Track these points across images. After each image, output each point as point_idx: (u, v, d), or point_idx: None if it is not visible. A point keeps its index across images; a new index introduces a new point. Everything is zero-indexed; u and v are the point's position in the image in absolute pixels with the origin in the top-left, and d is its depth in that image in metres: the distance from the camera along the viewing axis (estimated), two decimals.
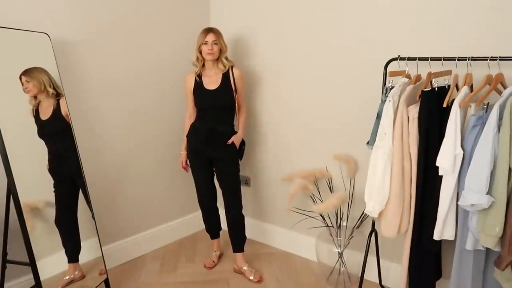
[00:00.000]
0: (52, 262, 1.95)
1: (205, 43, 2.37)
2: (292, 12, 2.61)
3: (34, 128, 1.96)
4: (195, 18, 2.93)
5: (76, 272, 2.07)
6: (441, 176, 1.73)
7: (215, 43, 2.38)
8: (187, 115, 2.57)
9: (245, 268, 2.57)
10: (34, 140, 1.96)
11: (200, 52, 2.41)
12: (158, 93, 2.77)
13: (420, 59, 1.91)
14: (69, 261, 2.06)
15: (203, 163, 2.51)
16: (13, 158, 1.78)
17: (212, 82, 2.44)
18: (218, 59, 2.44)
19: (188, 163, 2.57)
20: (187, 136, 2.54)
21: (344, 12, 2.38)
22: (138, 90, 2.65)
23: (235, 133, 2.52)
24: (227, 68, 2.45)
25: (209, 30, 2.40)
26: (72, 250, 2.07)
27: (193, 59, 2.46)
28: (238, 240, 2.61)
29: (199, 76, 2.46)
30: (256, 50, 2.83)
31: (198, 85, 2.45)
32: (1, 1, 1.96)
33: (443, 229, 1.76)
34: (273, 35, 2.72)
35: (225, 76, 2.44)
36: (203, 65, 2.45)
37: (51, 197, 2.01)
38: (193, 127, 2.51)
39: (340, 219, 2.42)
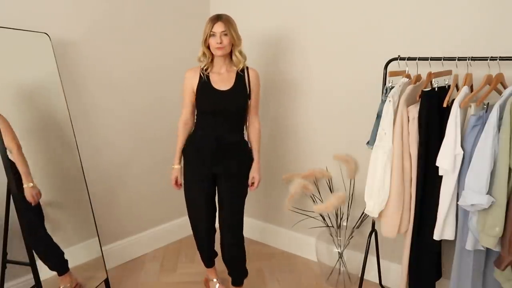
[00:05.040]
0: None
1: (213, 35, 1.95)
2: (291, 11, 2.61)
3: (34, 127, 1.96)
4: (196, 14, 2.93)
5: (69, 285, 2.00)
6: (441, 176, 1.73)
7: (225, 34, 1.94)
8: (182, 121, 2.13)
9: None
10: (34, 139, 1.96)
11: (208, 47, 2.00)
12: (158, 92, 2.77)
13: (420, 59, 1.91)
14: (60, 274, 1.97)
15: (204, 181, 2.09)
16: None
17: (223, 81, 2.04)
18: (230, 54, 2.03)
19: (182, 179, 2.16)
20: (184, 148, 2.13)
21: (343, 12, 2.38)
22: (138, 89, 2.65)
23: (245, 142, 2.14)
24: (242, 65, 2.04)
25: (217, 18, 1.95)
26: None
27: (198, 55, 2.05)
28: (238, 275, 2.23)
29: (206, 73, 2.05)
30: (256, 47, 2.83)
31: (205, 84, 2.03)
32: (1, 1, 1.96)
33: (443, 229, 1.75)
34: (272, 33, 2.73)
35: (240, 76, 2.05)
36: (212, 60, 2.05)
37: (51, 197, 2.01)
38: (194, 136, 2.10)
39: (340, 219, 2.42)
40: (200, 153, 2.07)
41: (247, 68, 2.08)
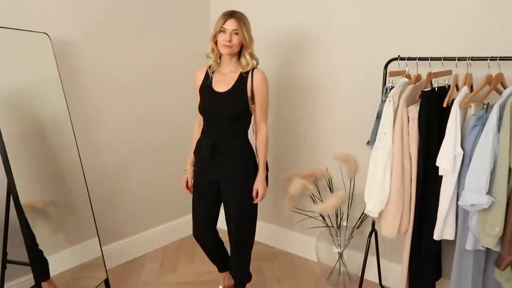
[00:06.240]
0: (52, 262, 1.95)
1: (223, 31, 1.82)
2: (291, 10, 2.61)
3: (34, 127, 1.96)
4: (196, 14, 2.93)
5: None
6: (441, 176, 1.73)
7: (236, 33, 1.82)
8: (196, 122, 2.09)
9: None
10: (34, 140, 1.96)
11: (216, 43, 1.87)
12: (158, 92, 2.77)
13: (420, 59, 1.91)
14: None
15: (206, 187, 1.99)
16: (12, 158, 1.78)
17: (223, 82, 1.91)
18: (239, 54, 1.90)
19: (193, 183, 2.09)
20: (194, 151, 2.05)
21: (344, 11, 2.38)
22: (138, 88, 2.65)
23: (249, 150, 1.97)
24: (249, 67, 1.89)
25: (230, 15, 1.82)
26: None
27: (207, 50, 1.93)
28: (240, 281, 2.19)
29: (212, 72, 1.95)
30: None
31: (207, 85, 1.93)
32: (1, 1, 1.96)
33: (443, 229, 1.76)
34: (271, 34, 2.72)
35: (242, 78, 1.89)
36: (220, 57, 1.93)
37: (50, 197, 2.01)
38: (198, 140, 2.01)
39: (340, 219, 2.42)
40: (200, 158, 1.99)
41: (253, 69, 1.91)
